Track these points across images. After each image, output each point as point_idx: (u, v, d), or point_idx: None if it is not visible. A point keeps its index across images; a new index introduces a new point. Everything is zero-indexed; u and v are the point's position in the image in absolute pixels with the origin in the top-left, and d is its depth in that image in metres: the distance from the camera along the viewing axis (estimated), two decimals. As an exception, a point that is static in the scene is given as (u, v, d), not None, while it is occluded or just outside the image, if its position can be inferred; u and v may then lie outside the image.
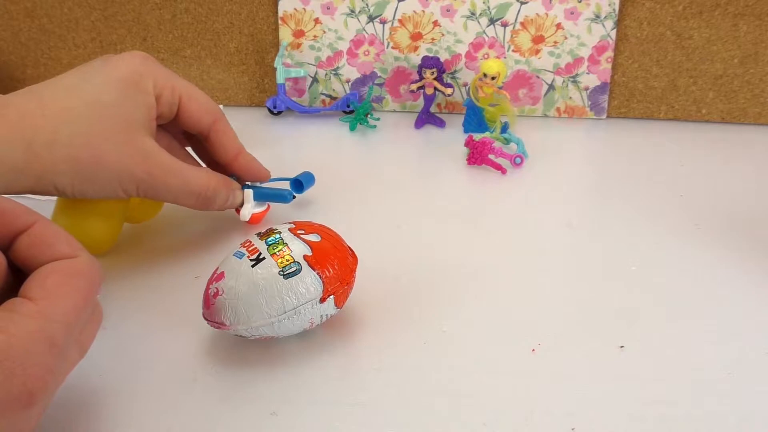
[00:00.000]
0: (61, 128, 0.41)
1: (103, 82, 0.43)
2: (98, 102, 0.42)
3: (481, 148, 0.62)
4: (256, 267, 0.38)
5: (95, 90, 0.42)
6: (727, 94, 0.71)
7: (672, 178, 0.61)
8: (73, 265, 0.30)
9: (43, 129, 0.40)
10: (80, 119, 0.41)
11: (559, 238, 0.52)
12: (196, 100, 0.47)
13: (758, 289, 0.46)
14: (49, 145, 0.40)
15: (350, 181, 0.61)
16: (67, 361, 0.30)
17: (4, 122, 0.39)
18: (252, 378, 0.38)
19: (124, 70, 0.44)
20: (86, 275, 0.30)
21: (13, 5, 0.74)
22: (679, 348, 0.40)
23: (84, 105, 0.42)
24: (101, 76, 0.43)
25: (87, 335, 0.32)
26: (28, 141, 0.39)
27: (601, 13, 0.70)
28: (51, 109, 0.41)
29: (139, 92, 0.44)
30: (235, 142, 0.50)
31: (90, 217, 0.47)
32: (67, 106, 0.41)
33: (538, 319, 0.43)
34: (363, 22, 0.72)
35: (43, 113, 0.40)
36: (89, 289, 0.30)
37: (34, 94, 0.41)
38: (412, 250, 0.50)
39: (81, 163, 0.41)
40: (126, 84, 0.43)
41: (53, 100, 0.41)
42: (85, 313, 0.30)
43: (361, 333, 0.42)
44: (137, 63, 0.44)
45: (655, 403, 0.36)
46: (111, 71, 0.43)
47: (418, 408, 0.36)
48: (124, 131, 0.43)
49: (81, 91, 0.42)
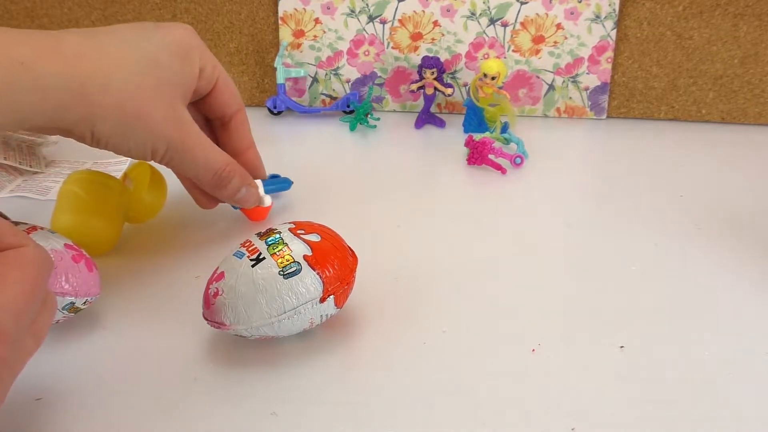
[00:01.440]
0: (115, 75, 0.40)
1: (159, 43, 0.43)
2: (153, 60, 0.42)
3: (481, 148, 0.62)
4: (256, 267, 0.38)
5: (151, 48, 0.43)
6: (727, 94, 0.71)
7: (672, 178, 0.61)
8: (20, 254, 0.30)
9: (98, 71, 0.40)
10: (134, 72, 0.41)
11: (559, 238, 0.52)
12: (228, 86, 0.48)
13: (758, 289, 0.46)
14: (100, 89, 0.40)
15: (350, 181, 0.61)
16: (21, 350, 0.30)
17: (61, 58, 0.38)
18: (252, 378, 0.38)
19: (177, 38, 0.44)
20: (34, 264, 0.30)
21: (13, 5, 0.74)
22: (679, 348, 0.40)
23: (139, 59, 0.42)
24: (157, 37, 0.43)
25: (41, 324, 0.32)
26: (82, 80, 0.39)
27: (601, 13, 0.70)
28: (108, 54, 0.41)
29: (188, 62, 0.44)
30: (250, 134, 0.51)
31: (91, 217, 0.47)
32: (124, 56, 0.41)
33: (538, 319, 0.43)
34: (363, 22, 0.72)
35: (100, 56, 0.40)
36: (38, 278, 0.30)
37: (92, 38, 0.41)
38: (412, 250, 0.50)
39: (126, 114, 0.41)
40: (178, 51, 0.44)
41: (111, 46, 0.41)
42: (34, 301, 0.30)
43: (361, 333, 0.42)
44: (187, 34, 0.45)
45: (655, 403, 0.36)
46: (165, 35, 0.44)
47: (418, 408, 0.36)
48: (170, 94, 0.43)
49: (137, 45, 0.42)
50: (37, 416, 0.35)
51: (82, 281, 0.39)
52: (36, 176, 0.61)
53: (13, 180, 0.60)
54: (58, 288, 0.38)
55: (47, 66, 0.37)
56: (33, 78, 0.37)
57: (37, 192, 0.58)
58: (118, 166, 0.63)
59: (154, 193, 0.52)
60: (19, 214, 0.50)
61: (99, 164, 0.63)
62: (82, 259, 0.40)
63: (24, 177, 0.60)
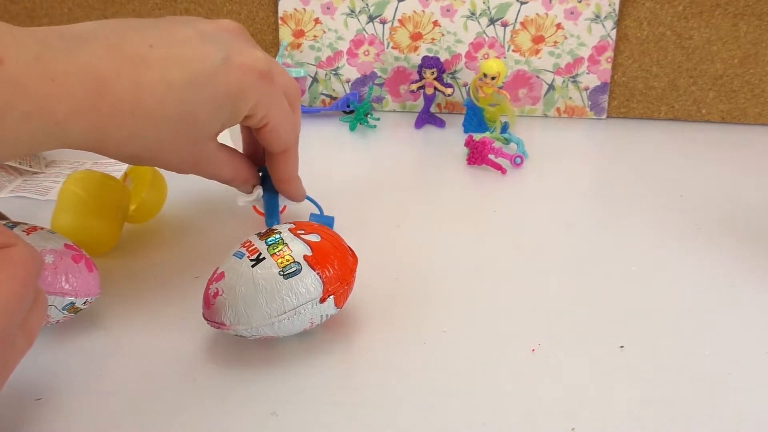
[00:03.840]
0: (140, 134, 0.39)
1: (206, 96, 0.40)
2: (189, 117, 0.40)
3: (481, 148, 0.62)
4: (256, 267, 0.38)
5: (194, 102, 0.40)
6: (727, 94, 0.71)
7: (672, 178, 0.61)
8: (10, 254, 0.30)
9: (125, 130, 0.38)
10: (163, 131, 0.40)
11: (559, 238, 0.52)
12: (275, 132, 0.45)
13: (758, 289, 0.46)
14: (121, 144, 0.39)
15: (350, 181, 0.61)
16: (13, 349, 0.30)
17: (95, 117, 0.36)
18: (252, 378, 0.38)
19: (233, 88, 0.41)
20: (24, 262, 0.30)
21: (13, 5, 0.74)
22: (679, 348, 0.40)
23: (174, 118, 0.39)
24: (209, 88, 0.40)
25: (33, 323, 0.32)
26: (106, 134, 0.38)
27: (601, 13, 0.70)
28: (143, 109, 0.38)
29: (231, 111, 0.42)
30: (291, 170, 0.49)
31: (91, 217, 0.47)
32: (159, 113, 0.39)
33: (538, 319, 0.43)
34: (363, 22, 0.72)
35: (134, 113, 0.38)
36: (28, 276, 0.30)
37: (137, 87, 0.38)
38: (412, 250, 0.50)
39: (141, 159, 0.41)
40: (226, 100, 0.41)
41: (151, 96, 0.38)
42: (25, 300, 0.30)
43: (361, 333, 0.42)
44: (251, 81, 0.41)
45: (655, 403, 0.36)
46: (219, 86, 0.40)
47: (418, 408, 0.36)
48: (194, 144, 0.42)
49: (181, 97, 0.39)
50: (37, 416, 0.35)
51: (82, 281, 0.39)
52: (36, 176, 0.61)
53: (13, 180, 0.60)
54: (58, 288, 0.38)
55: (79, 125, 0.36)
56: (61, 135, 0.36)
57: (37, 192, 0.58)
58: (118, 166, 0.63)
59: (154, 193, 0.52)
60: (19, 214, 0.50)
61: (99, 164, 0.63)
62: (82, 259, 0.40)
63: (24, 177, 0.60)
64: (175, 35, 0.40)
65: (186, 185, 0.58)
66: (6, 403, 0.36)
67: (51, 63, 0.35)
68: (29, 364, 0.37)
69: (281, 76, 0.45)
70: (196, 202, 0.56)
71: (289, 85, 0.46)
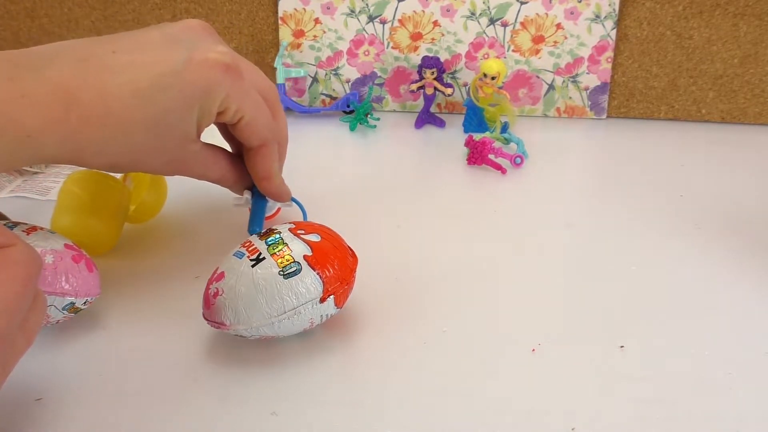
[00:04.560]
0: (113, 142, 0.40)
1: (174, 99, 0.41)
2: (159, 122, 0.41)
3: (481, 148, 0.62)
4: (256, 267, 0.38)
5: (162, 106, 0.40)
6: (727, 94, 0.71)
7: (672, 178, 0.61)
8: (9, 254, 0.30)
9: (99, 139, 0.39)
10: (136, 137, 0.40)
11: (559, 238, 0.52)
12: (251, 126, 0.45)
13: (758, 289, 0.46)
14: (96, 154, 0.40)
15: (350, 181, 0.61)
16: (13, 349, 0.30)
17: (66, 128, 0.37)
18: (252, 378, 0.38)
19: (199, 86, 0.41)
20: (24, 263, 0.30)
21: (13, 5, 0.74)
22: (679, 348, 0.40)
23: (144, 123, 0.40)
24: (174, 90, 0.40)
25: (32, 323, 0.32)
26: (80, 146, 0.39)
27: (601, 13, 0.70)
28: (116, 115, 0.39)
29: (203, 110, 0.42)
30: (270, 167, 0.49)
31: (91, 217, 0.47)
32: (132, 117, 0.40)
33: (538, 319, 0.43)
34: (363, 22, 0.72)
35: (107, 118, 0.39)
36: (27, 277, 0.30)
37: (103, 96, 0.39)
38: (412, 250, 0.50)
39: (121, 168, 0.43)
40: (195, 99, 0.41)
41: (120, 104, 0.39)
42: (25, 300, 0.30)
43: (361, 333, 0.42)
44: (216, 77, 0.42)
45: (655, 403, 0.36)
46: (185, 86, 0.41)
47: (418, 408, 0.36)
48: (172, 146, 0.43)
49: (148, 102, 0.40)
50: (37, 416, 0.35)
51: (82, 281, 0.39)
52: (36, 176, 0.61)
53: (13, 180, 0.60)
54: (58, 288, 0.38)
55: (52, 137, 0.37)
56: (35, 147, 0.37)
57: (37, 192, 0.58)
58: (118, 166, 0.63)
59: (154, 193, 0.52)
60: (19, 214, 0.50)
61: (99, 164, 0.63)
62: (82, 259, 0.40)
63: (24, 177, 0.60)
64: (139, 40, 0.42)
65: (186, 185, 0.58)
66: (6, 403, 0.36)
67: (20, 81, 0.36)
68: (29, 364, 0.37)
69: (252, 74, 0.45)
70: (196, 202, 0.56)
71: (264, 85, 0.46)
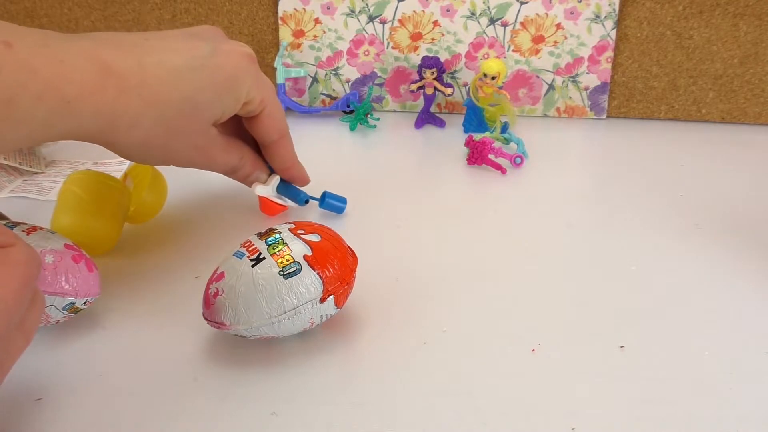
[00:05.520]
0: (148, 114, 0.40)
1: (205, 80, 0.42)
2: (193, 99, 0.42)
3: (481, 148, 0.62)
4: (256, 267, 0.38)
5: (196, 85, 0.42)
6: (727, 94, 0.71)
7: (672, 178, 0.61)
8: (9, 254, 0.30)
9: (133, 110, 0.39)
10: (170, 110, 0.41)
11: (559, 238, 0.52)
12: (272, 117, 0.48)
13: (758, 289, 0.46)
14: (131, 126, 0.40)
15: (350, 181, 0.61)
16: (11, 348, 0.30)
17: (104, 97, 0.38)
18: (252, 378, 0.38)
19: (228, 72, 0.43)
20: (23, 263, 0.30)
21: (13, 5, 0.74)
22: (679, 348, 0.40)
23: (179, 98, 0.41)
24: (206, 71, 0.42)
25: (30, 323, 0.32)
26: (115, 116, 0.39)
27: (601, 13, 0.70)
28: (148, 90, 0.40)
29: (231, 96, 0.44)
30: (290, 156, 0.51)
31: (91, 217, 0.47)
32: (164, 95, 0.41)
33: (538, 319, 0.43)
34: (363, 22, 0.72)
35: (141, 91, 0.40)
36: (27, 276, 0.30)
37: (140, 66, 0.40)
38: (412, 250, 0.50)
39: (149, 148, 0.43)
40: (224, 87, 0.43)
41: (154, 79, 0.40)
42: (24, 299, 0.30)
43: (361, 333, 0.42)
44: (243, 65, 0.44)
45: (655, 403, 0.36)
46: (217, 67, 0.43)
47: (418, 408, 0.36)
48: (200, 129, 0.44)
49: (182, 80, 0.41)
50: (37, 416, 0.35)
51: (82, 281, 0.39)
52: (36, 176, 0.61)
53: (13, 180, 0.60)
54: (58, 288, 0.38)
55: (89, 106, 0.37)
56: (73, 116, 0.37)
57: (37, 192, 0.58)
58: (118, 166, 0.63)
59: (154, 193, 0.52)
60: (19, 214, 0.50)
61: (99, 164, 0.63)
62: (82, 259, 0.40)
63: (24, 177, 0.60)
64: (166, 34, 0.43)
65: (186, 185, 0.58)
66: (6, 403, 0.36)
67: (57, 47, 0.36)
68: (29, 364, 0.37)
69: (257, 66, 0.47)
70: (196, 202, 0.56)
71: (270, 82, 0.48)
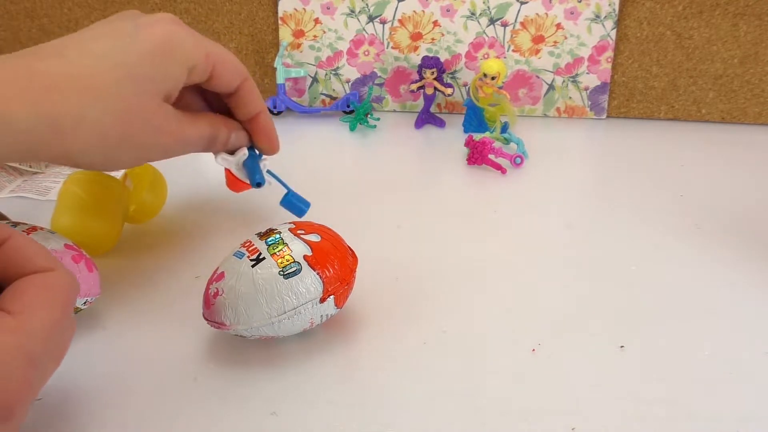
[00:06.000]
0: (91, 104, 0.38)
1: (138, 52, 0.40)
2: (131, 76, 0.39)
3: (481, 148, 0.62)
4: (256, 267, 0.38)
5: (129, 61, 0.39)
6: (727, 94, 0.71)
7: (672, 178, 0.61)
8: (51, 279, 0.30)
9: (70, 104, 0.37)
10: (111, 95, 0.39)
11: (559, 238, 0.52)
12: (226, 64, 0.45)
13: (758, 289, 0.46)
14: (76, 124, 0.37)
15: (350, 181, 0.61)
16: (44, 373, 0.30)
17: (30, 96, 0.36)
18: (252, 378, 0.38)
19: (158, 39, 0.40)
20: (63, 289, 0.30)
21: (13, 5, 0.74)
22: (679, 348, 0.40)
23: (116, 79, 0.39)
24: (136, 45, 0.40)
25: (62, 347, 0.31)
26: (54, 117, 0.36)
27: (601, 13, 0.70)
28: (81, 80, 0.37)
29: (172, 63, 0.41)
30: (258, 100, 0.48)
31: (90, 217, 0.47)
32: (98, 81, 0.38)
33: (538, 319, 0.43)
34: (363, 22, 0.72)
35: (72, 84, 0.37)
36: (66, 303, 0.30)
37: (63, 59, 0.38)
38: (412, 250, 0.50)
39: (108, 141, 0.39)
40: (160, 55, 0.40)
41: (83, 67, 0.38)
42: (62, 326, 0.30)
43: (361, 333, 0.42)
44: (170, 30, 0.41)
45: (655, 403, 0.36)
46: (145, 39, 0.40)
47: (418, 408, 0.36)
48: (153, 105, 0.41)
49: (113, 61, 0.39)
50: (37, 416, 0.35)
51: (82, 281, 0.39)
52: (36, 176, 0.61)
53: (13, 180, 0.60)
54: (58, 288, 0.38)
55: (17, 108, 0.35)
56: (3, 123, 0.34)
57: (37, 192, 0.58)
58: (118, 166, 0.63)
59: (154, 193, 0.52)
60: (19, 214, 0.50)
61: (99, 164, 0.63)
62: (82, 259, 0.40)
63: (24, 177, 0.60)
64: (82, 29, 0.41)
65: (186, 185, 0.58)
66: (6, 403, 0.36)
67: None
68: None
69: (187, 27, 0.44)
70: (196, 202, 0.56)
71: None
